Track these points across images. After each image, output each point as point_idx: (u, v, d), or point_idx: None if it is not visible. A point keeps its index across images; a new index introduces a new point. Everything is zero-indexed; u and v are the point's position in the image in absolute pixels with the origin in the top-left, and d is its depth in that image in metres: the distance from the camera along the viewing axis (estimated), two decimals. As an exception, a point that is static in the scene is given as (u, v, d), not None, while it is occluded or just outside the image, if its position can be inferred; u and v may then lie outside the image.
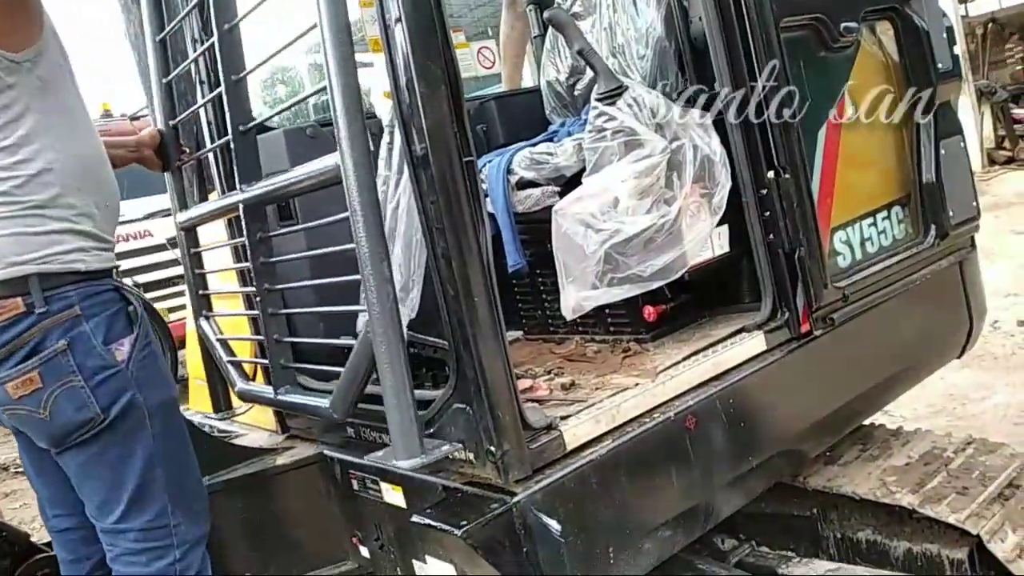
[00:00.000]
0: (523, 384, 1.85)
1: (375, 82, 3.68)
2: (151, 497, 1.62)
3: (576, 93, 2.60)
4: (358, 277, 1.67)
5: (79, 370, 1.54)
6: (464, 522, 1.48)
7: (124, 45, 2.53)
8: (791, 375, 2.02)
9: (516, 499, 1.50)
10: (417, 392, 1.48)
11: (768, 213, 1.98)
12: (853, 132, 2.23)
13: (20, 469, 5.85)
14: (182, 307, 5.54)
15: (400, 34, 1.50)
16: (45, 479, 1.77)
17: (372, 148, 1.47)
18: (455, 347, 1.55)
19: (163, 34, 2.08)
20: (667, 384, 1.80)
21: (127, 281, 2.30)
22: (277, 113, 6.51)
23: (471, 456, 1.55)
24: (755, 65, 1.98)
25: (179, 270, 5.48)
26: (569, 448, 1.60)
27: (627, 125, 1.89)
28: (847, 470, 2.22)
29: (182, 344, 2.82)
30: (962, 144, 2.50)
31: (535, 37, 2.99)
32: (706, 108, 2.05)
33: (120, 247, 4.99)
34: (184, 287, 5.28)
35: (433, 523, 1.54)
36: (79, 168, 1.60)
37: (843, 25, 2.14)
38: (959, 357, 2.62)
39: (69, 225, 1.57)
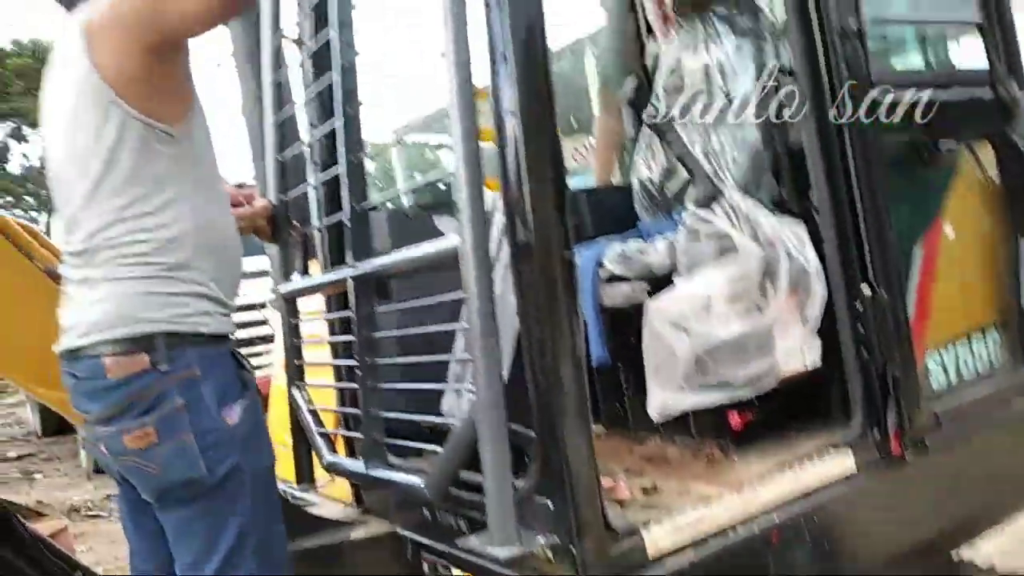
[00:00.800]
0: (605, 483, 1.84)
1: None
2: (242, 560, 1.65)
3: (668, 193, 2.64)
4: (448, 357, 1.71)
5: (192, 429, 1.59)
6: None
7: (238, 118, 2.69)
8: (879, 498, 1.96)
9: (594, 603, 1.48)
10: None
11: (861, 329, 1.96)
12: (950, 251, 2.21)
13: (91, 512, 5.99)
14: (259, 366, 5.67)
15: (513, 127, 1.57)
16: (141, 531, 1.82)
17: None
18: (542, 438, 1.56)
19: (283, 116, 2.21)
20: (752, 497, 1.77)
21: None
22: (397, 195, 6.69)
23: (549, 553, 1.54)
24: (851, 178, 1.99)
25: (263, 330, 5.66)
26: (651, 556, 1.57)
27: (722, 230, 1.92)
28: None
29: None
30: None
31: (630, 139, 3.07)
32: (801, 217, 2.07)
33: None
34: (262, 347, 5.42)
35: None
36: (211, 236, 1.69)
37: (943, 144, 2.14)
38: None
39: (196, 289, 1.65)
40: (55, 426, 9.28)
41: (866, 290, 1.96)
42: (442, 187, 4.19)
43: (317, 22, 2.10)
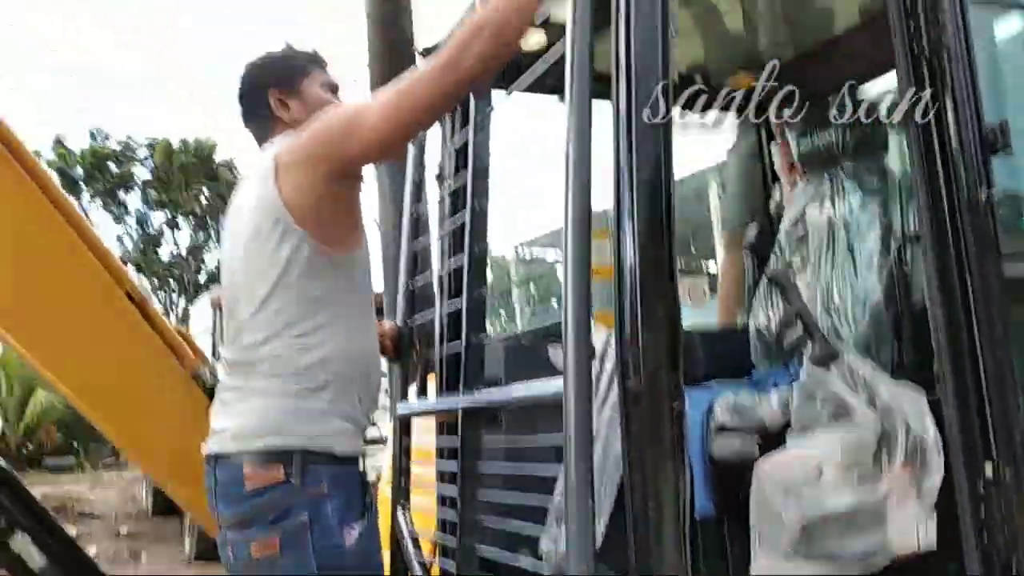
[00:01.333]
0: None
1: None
2: None
3: (785, 344, 2.62)
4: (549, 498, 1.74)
5: (313, 546, 1.67)
6: None
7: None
8: None
9: None
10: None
11: (984, 513, 1.87)
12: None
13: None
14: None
15: (630, 280, 1.63)
16: None
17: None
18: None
19: (417, 246, 2.36)
20: None
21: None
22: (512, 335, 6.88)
23: None
24: (976, 349, 1.94)
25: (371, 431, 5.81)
26: None
27: (839, 395, 1.90)
28: None
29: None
30: None
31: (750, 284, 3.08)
32: (922, 385, 2.02)
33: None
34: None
35: None
36: (357, 359, 1.82)
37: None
38: None
39: (336, 408, 1.77)
40: (164, 506, 9.65)
41: (989, 470, 1.87)
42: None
43: (458, 162, 2.26)
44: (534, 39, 2.12)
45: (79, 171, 24.66)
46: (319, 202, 1.75)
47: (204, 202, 25.08)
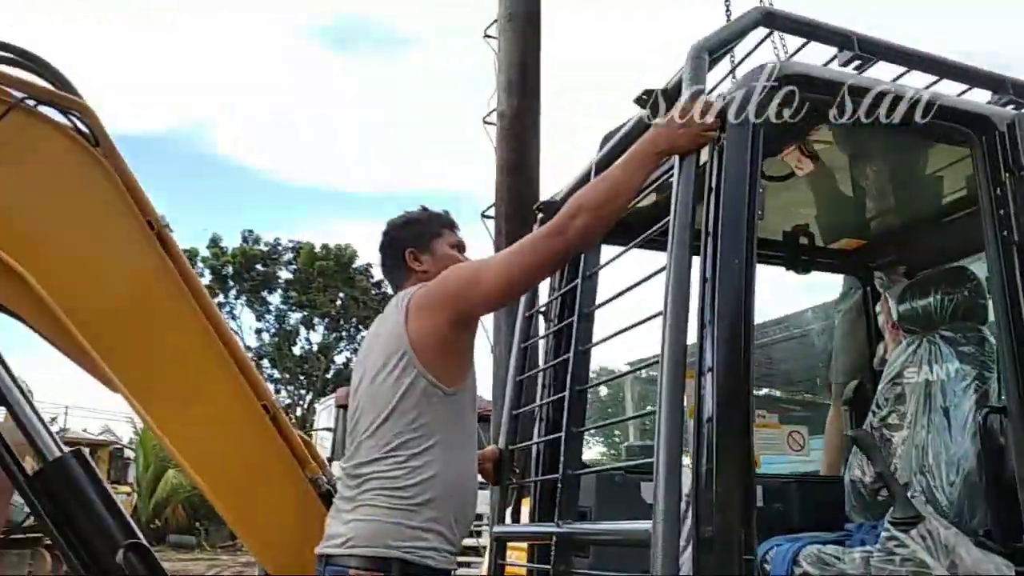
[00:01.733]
0: None
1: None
2: None
3: (879, 498, 2.65)
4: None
5: None
6: None
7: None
8: None
9: None
10: None
11: None
12: None
13: None
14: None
15: (708, 433, 1.77)
16: None
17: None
18: None
19: (524, 377, 2.59)
20: None
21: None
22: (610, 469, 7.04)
23: None
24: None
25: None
26: None
27: (918, 557, 1.94)
28: None
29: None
30: None
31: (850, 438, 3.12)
32: (1010, 557, 2.03)
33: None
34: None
35: None
36: (458, 482, 2.05)
37: None
38: None
39: (435, 526, 1.99)
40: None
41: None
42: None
43: (563, 306, 2.49)
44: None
45: (229, 269, 26.56)
46: (440, 343, 2.03)
47: (339, 304, 26.38)
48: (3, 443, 2.43)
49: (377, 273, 26.68)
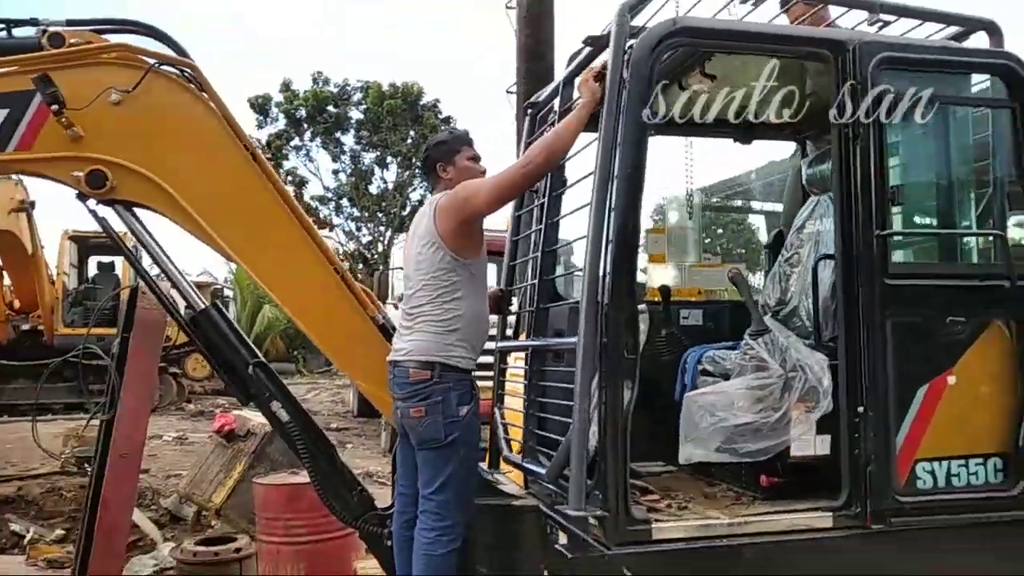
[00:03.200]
0: (653, 496, 2.98)
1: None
2: (449, 489, 3.09)
3: (778, 317, 3.64)
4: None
5: (443, 414, 3.08)
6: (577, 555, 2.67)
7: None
8: (849, 554, 2.86)
9: (610, 552, 2.64)
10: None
11: (857, 435, 2.89)
12: (956, 397, 2.99)
13: (382, 480, 7.85)
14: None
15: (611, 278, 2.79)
16: (406, 464, 3.34)
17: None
18: (603, 459, 2.74)
19: (518, 238, 3.62)
20: (741, 525, 2.80)
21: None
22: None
23: (594, 519, 2.72)
24: (861, 328, 2.91)
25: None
26: (653, 537, 2.70)
27: (760, 356, 2.97)
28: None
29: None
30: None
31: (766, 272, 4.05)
32: (830, 353, 3.02)
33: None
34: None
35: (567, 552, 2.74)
36: (475, 317, 3.20)
37: (951, 320, 2.97)
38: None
39: (461, 343, 3.15)
40: (367, 409, 11.64)
41: (860, 409, 2.89)
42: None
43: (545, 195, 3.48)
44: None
45: (302, 112, 27.20)
46: (457, 233, 3.13)
47: (410, 142, 26.85)
48: (166, 303, 3.62)
49: (445, 109, 27.34)
